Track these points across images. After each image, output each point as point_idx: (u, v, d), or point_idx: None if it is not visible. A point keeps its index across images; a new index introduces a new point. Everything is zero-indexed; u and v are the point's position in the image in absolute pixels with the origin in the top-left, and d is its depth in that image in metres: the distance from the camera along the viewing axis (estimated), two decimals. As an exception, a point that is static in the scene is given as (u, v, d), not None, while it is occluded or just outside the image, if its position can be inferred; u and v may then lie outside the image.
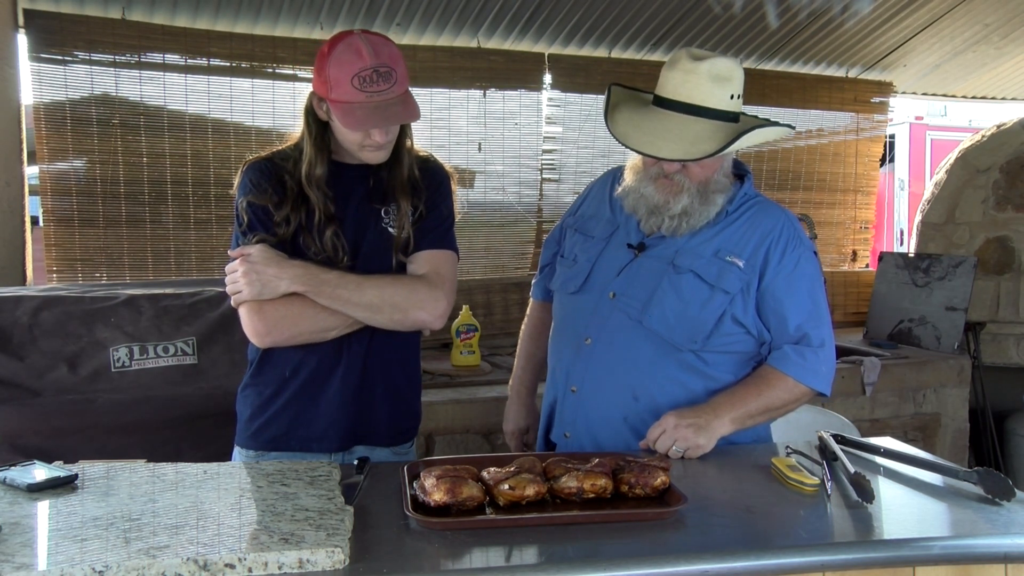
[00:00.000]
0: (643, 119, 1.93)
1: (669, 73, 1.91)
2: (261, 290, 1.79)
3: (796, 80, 4.60)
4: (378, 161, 1.89)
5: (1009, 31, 4.39)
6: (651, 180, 1.92)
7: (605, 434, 1.96)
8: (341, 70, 1.77)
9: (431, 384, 3.26)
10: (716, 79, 1.87)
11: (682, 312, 1.91)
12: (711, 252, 1.93)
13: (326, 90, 1.80)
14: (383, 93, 1.77)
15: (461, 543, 1.34)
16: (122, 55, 3.39)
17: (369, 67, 1.76)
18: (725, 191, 1.96)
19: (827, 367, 1.95)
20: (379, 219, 1.92)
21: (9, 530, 1.29)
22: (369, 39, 1.79)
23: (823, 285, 2.00)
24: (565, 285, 2.08)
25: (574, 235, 2.13)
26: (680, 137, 1.85)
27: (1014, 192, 4.21)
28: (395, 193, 1.91)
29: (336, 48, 1.79)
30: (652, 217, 1.94)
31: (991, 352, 4.14)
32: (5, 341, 2.55)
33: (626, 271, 1.98)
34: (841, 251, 4.86)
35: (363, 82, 1.76)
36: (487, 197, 4.06)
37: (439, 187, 2.01)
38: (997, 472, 1.59)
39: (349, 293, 1.81)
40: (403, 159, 1.92)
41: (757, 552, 1.36)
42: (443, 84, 3.90)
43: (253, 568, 1.21)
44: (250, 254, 1.80)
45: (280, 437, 1.91)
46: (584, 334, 1.99)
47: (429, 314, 1.86)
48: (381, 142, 1.85)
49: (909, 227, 5.47)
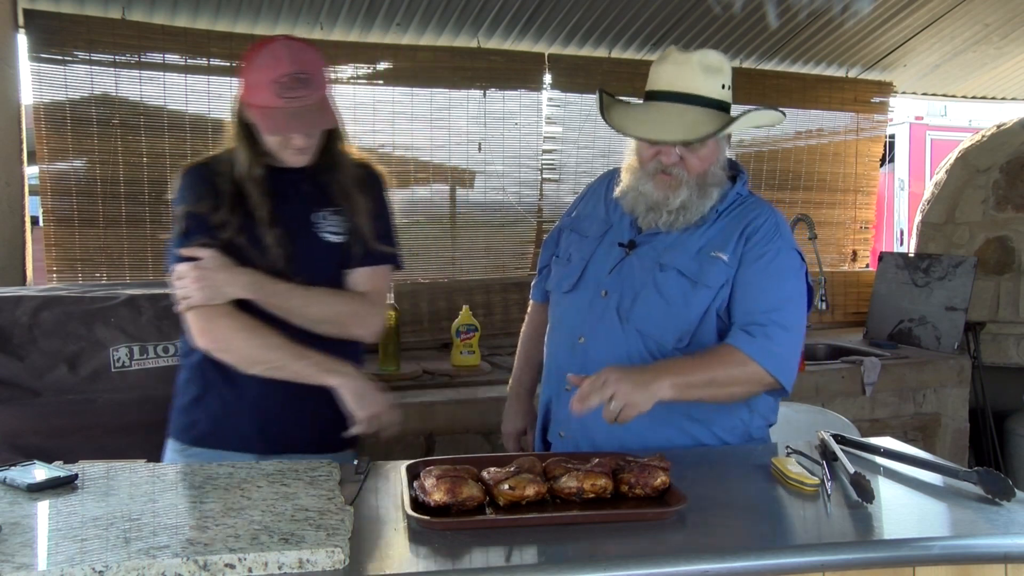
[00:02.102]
0: (639, 111, 1.96)
1: (660, 67, 1.94)
2: (212, 295, 1.82)
3: (796, 80, 4.60)
4: (300, 164, 1.92)
5: (1009, 31, 4.39)
6: (649, 177, 1.93)
7: (599, 433, 1.95)
8: (260, 75, 1.80)
9: (431, 384, 3.26)
10: (707, 69, 1.90)
11: (666, 311, 1.91)
12: (696, 250, 1.94)
13: (248, 95, 1.84)
14: (302, 99, 1.80)
15: (461, 543, 1.34)
16: (122, 55, 3.39)
17: (287, 73, 1.79)
18: (721, 184, 1.97)
19: (784, 351, 1.87)
20: (314, 224, 1.93)
21: (9, 530, 1.29)
22: (290, 45, 1.83)
23: (801, 282, 1.95)
24: (560, 284, 2.09)
25: (570, 235, 2.14)
26: (678, 123, 1.88)
27: (1014, 192, 4.21)
28: (338, 197, 1.94)
29: (258, 53, 1.82)
30: (651, 213, 1.95)
31: (991, 352, 4.14)
32: (5, 341, 2.55)
33: (617, 269, 1.99)
34: (841, 251, 4.86)
35: (281, 88, 1.79)
36: (487, 197, 4.05)
37: (376, 194, 2.03)
38: (997, 472, 1.59)
39: (296, 304, 1.87)
40: (342, 162, 1.95)
41: (757, 552, 1.36)
42: (443, 84, 3.90)
43: (253, 568, 1.21)
44: (201, 259, 1.82)
45: (207, 435, 1.92)
46: (578, 333, 2.00)
47: (367, 331, 1.98)
48: (301, 146, 1.87)
49: (909, 227, 5.47)
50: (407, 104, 3.87)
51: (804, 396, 3.47)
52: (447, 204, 4.02)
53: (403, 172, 3.91)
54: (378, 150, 3.85)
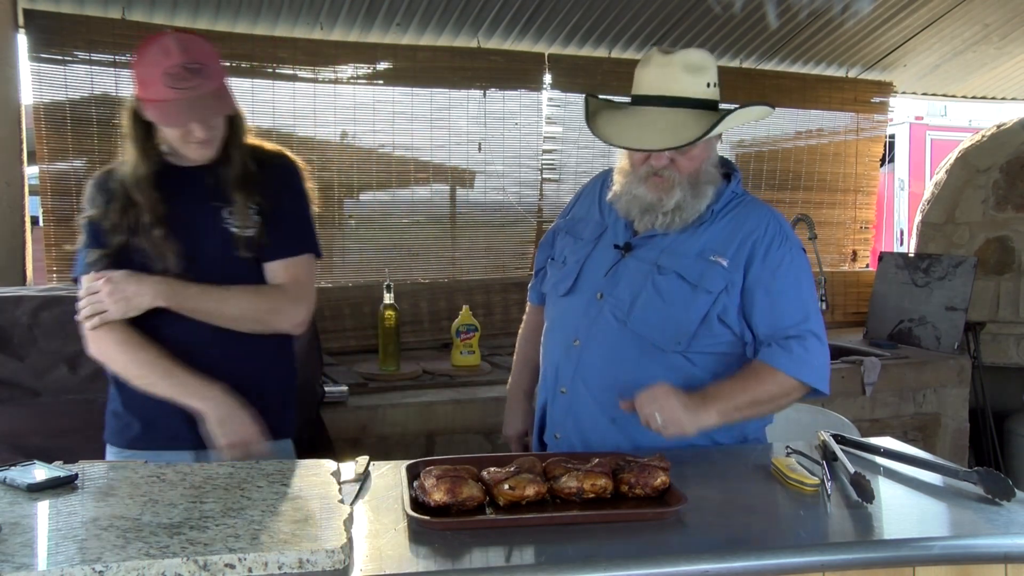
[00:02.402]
0: (624, 118, 1.93)
1: (643, 71, 1.92)
2: (124, 309, 1.82)
3: (796, 80, 4.60)
4: (204, 158, 1.90)
5: (1009, 31, 4.39)
6: (641, 181, 1.92)
7: (594, 435, 1.96)
8: (151, 69, 1.79)
9: (431, 384, 3.26)
10: (690, 69, 1.88)
11: (666, 313, 1.90)
12: (695, 252, 1.93)
13: (141, 91, 1.82)
14: (196, 88, 1.78)
15: (461, 543, 1.34)
16: (122, 55, 3.39)
17: (178, 64, 1.77)
18: (715, 182, 1.95)
19: (819, 361, 1.90)
20: (220, 219, 1.91)
21: (9, 530, 1.29)
22: (179, 38, 1.82)
23: (812, 282, 1.98)
24: (556, 287, 2.08)
25: (565, 237, 2.14)
26: (664, 128, 1.86)
27: (1014, 192, 4.21)
28: (234, 191, 1.91)
29: (147, 48, 1.81)
30: (646, 216, 1.94)
31: (991, 352, 4.14)
32: (5, 341, 2.55)
33: (613, 272, 1.98)
34: (841, 251, 4.86)
35: (173, 79, 1.77)
36: (487, 197, 4.05)
37: (288, 185, 2.00)
38: (997, 472, 1.59)
39: (212, 306, 1.87)
40: (232, 154, 1.92)
41: (757, 552, 1.36)
42: (443, 84, 3.90)
43: (253, 568, 1.21)
44: (111, 276, 1.83)
45: (140, 437, 1.92)
46: (573, 335, 1.99)
47: (289, 324, 1.95)
48: (202, 137, 1.85)
49: (909, 227, 5.47)
50: (407, 104, 3.87)
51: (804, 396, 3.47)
52: (447, 204, 4.02)
53: (403, 172, 3.91)
54: (378, 150, 3.86)
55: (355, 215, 3.88)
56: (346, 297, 3.76)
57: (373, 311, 3.57)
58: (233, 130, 1.93)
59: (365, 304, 3.74)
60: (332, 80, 3.73)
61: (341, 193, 3.81)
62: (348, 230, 3.87)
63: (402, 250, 3.96)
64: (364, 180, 3.87)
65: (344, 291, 3.78)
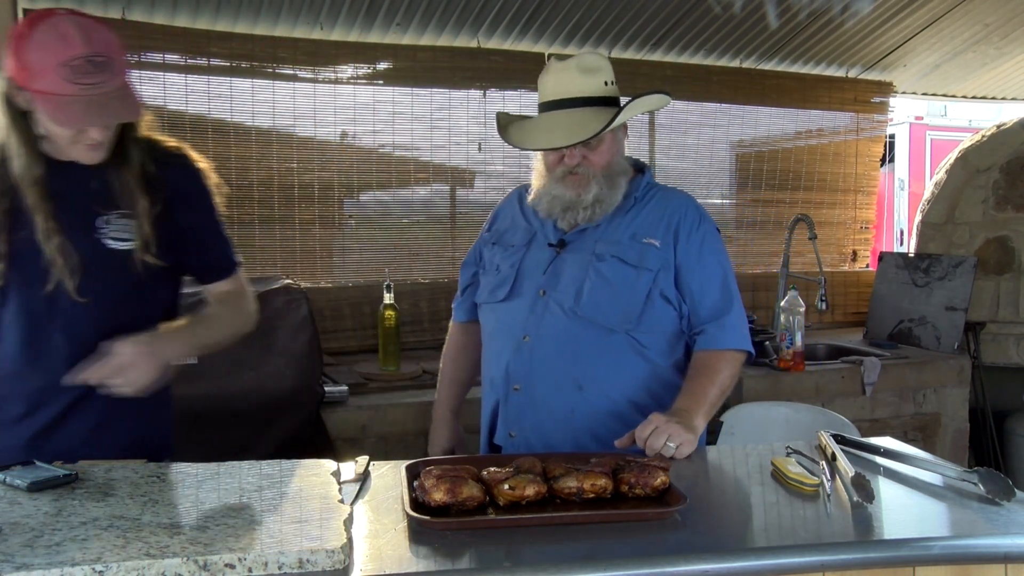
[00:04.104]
0: (532, 125, 2.10)
1: (544, 79, 2.06)
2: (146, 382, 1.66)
3: (796, 80, 4.60)
4: (93, 161, 1.69)
5: (1009, 31, 4.39)
6: (558, 180, 2.04)
7: (553, 429, 2.00)
8: (45, 56, 1.55)
9: (431, 384, 3.24)
10: (585, 70, 2.02)
11: (613, 295, 1.99)
12: (628, 237, 2.04)
13: (26, 78, 1.58)
14: (100, 86, 1.57)
15: (461, 543, 1.34)
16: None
17: (81, 55, 1.56)
18: (627, 172, 2.09)
19: (744, 323, 2.07)
20: (97, 229, 1.71)
21: (9, 530, 1.29)
22: (78, 22, 1.59)
23: (727, 256, 2.12)
24: (493, 294, 2.13)
25: (492, 249, 2.20)
26: (568, 126, 1.98)
27: (1014, 192, 4.21)
28: (124, 197, 1.71)
29: (37, 29, 1.57)
30: (568, 213, 2.05)
31: (991, 352, 4.14)
32: None
33: (551, 268, 2.06)
34: (841, 251, 4.86)
35: (74, 73, 1.55)
36: (487, 197, 4.05)
37: (201, 191, 1.84)
38: (997, 472, 1.59)
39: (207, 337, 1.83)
40: (131, 157, 1.72)
41: (757, 552, 1.36)
42: (443, 84, 3.90)
43: (253, 568, 1.21)
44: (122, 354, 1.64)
45: None
46: (522, 333, 2.04)
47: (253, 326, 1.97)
48: (98, 140, 1.65)
49: (909, 227, 5.47)
50: (407, 104, 3.87)
51: (804, 396, 3.47)
52: (447, 204, 4.02)
53: (403, 172, 3.91)
54: (378, 150, 3.86)
55: (355, 215, 3.88)
56: (346, 297, 3.76)
57: (373, 311, 3.57)
58: (126, 127, 1.72)
59: (365, 304, 3.74)
60: (332, 80, 3.73)
61: (341, 193, 3.81)
62: (348, 230, 3.87)
63: (402, 250, 3.95)
64: (364, 180, 3.87)
65: (344, 291, 3.78)
